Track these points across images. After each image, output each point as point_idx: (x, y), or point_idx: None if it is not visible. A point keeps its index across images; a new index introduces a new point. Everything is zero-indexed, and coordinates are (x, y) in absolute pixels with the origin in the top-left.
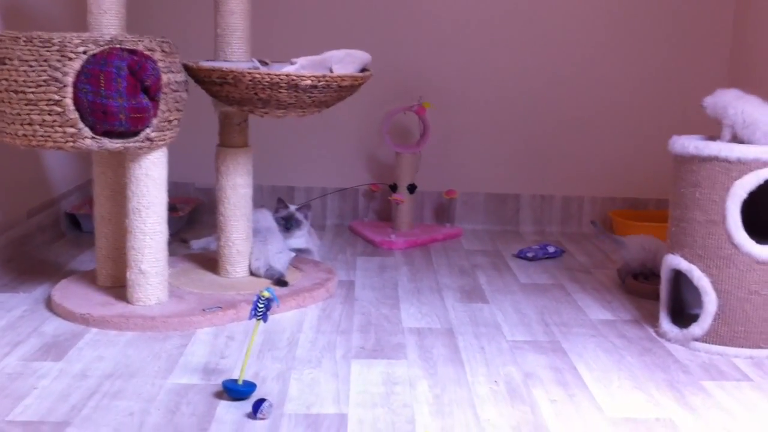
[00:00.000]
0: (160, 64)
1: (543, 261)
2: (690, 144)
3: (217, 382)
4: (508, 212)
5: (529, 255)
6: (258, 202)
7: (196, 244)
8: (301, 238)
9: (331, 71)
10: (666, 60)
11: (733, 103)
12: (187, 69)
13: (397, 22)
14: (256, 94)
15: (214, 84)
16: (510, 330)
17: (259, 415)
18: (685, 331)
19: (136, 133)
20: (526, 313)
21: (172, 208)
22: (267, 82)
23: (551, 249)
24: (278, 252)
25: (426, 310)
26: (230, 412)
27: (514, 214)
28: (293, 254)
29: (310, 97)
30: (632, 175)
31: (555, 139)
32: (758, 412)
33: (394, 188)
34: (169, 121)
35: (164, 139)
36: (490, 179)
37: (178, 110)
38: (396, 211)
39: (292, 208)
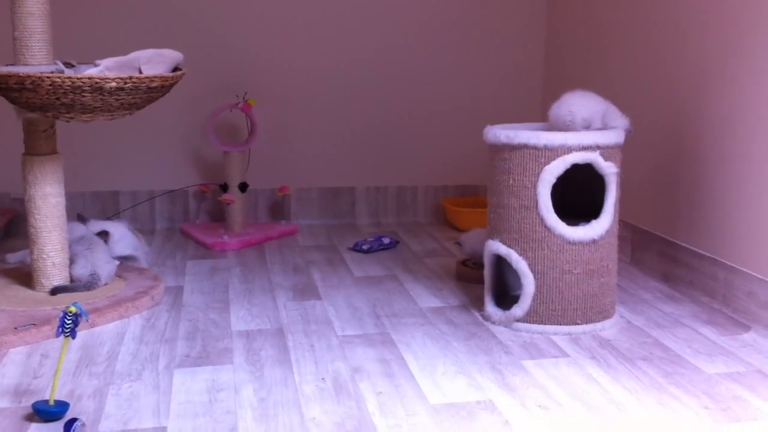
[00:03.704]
0: None
1: (378, 252)
2: (501, 133)
3: (28, 404)
4: (343, 205)
5: (365, 247)
6: (81, 210)
7: (12, 258)
8: (121, 244)
9: (140, 72)
10: (486, 52)
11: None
12: None
13: (215, 18)
14: (57, 99)
15: (11, 90)
16: (341, 325)
17: None
18: (507, 312)
19: None
20: (358, 307)
21: None
22: (68, 86)
23: (386, 240)
24: (106, 262)
25: (256, 311)
26: None
27: (350, 207)
28: (117, 262)
29: (117, 100)
30: (462, 163)
31: (386, 130)
32: (571, 386)
33: (225, 188)
34: None
35: None
36: (324, 173)
37: None
38: (228, 211)
39: (92, 225)
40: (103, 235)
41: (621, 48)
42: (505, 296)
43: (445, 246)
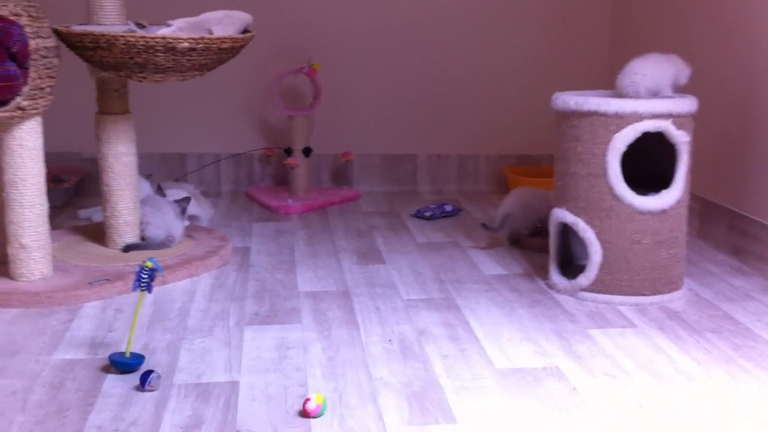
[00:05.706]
0: (27, 29)
1: (440, 220)
2: (571, 100)
3: (104, 356)
4: (405, 173)
5: (427, 214)
6: (149, 171)
7: (84, 213)
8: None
9: (211, 33)
10: (550, 17)
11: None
12: (58, 34)
13: None
14: (131, 58)
15: (86, 49)
16: (405, 289)
17: (147, 386)
18: (573, 281)
19: (5, 103)
20: (421, 272)
21: (57, 180)
22: (142, 45)
23: (448, 207)
24: (178, 222)
25: (322, 273)
26: (117, 385)
27: (411, 175)
28: (187, 223)
29: (189, 61)
30: (525, 132)
31: (449, 98)
32: (639, 356)
33: (289, 152)
34: (41, 89)
35: (37, 108)
36: (386, 140)
37: (50, 77)
38: (292, 175)
39: (171, 193)
40: (185, 201)
41: (689, 12)
42: (570, 265)
43: None
